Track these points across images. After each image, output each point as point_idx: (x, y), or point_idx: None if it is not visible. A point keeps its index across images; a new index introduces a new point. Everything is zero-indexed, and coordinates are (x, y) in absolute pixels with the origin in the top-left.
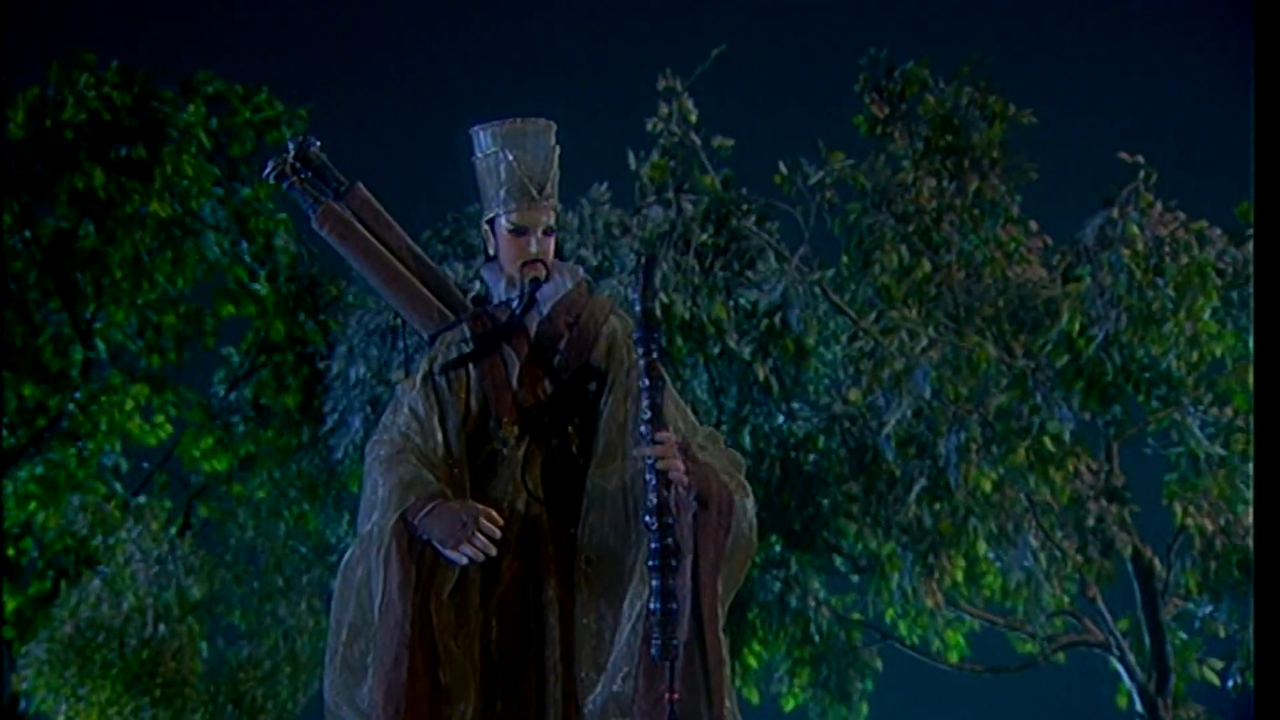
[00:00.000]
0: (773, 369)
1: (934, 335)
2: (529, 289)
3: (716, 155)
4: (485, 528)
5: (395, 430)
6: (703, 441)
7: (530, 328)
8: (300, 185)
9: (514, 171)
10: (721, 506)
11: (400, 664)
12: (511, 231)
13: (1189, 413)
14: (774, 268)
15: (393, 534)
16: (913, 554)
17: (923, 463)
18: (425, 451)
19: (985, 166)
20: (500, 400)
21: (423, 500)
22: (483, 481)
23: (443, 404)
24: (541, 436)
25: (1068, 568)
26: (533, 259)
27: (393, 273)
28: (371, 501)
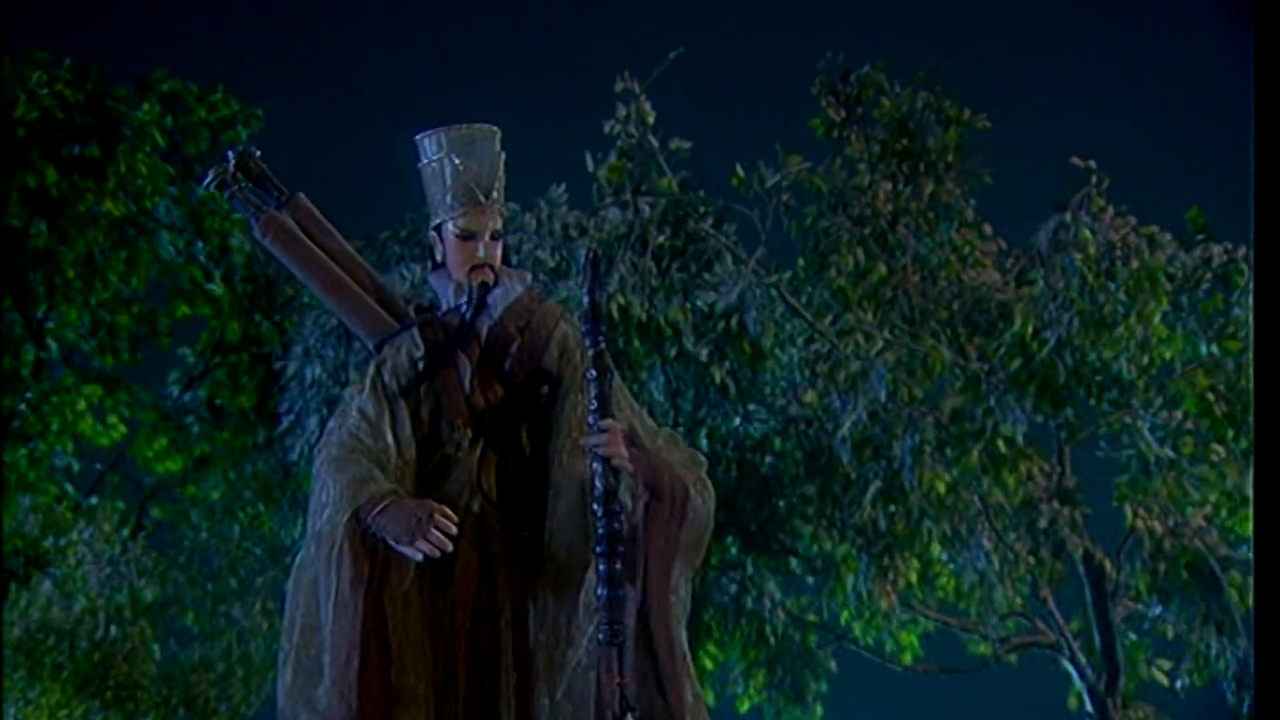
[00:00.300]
0: (729, 371)
1: (889, 338)
2: (478, 293)
3: (674, 157)
4: (441, 524)
5: (345, 431)
6: (663, 443)
7: (481, 332)
8: (241, 194)
9: (460, 176)
10: (675, 497)
11: (353, 663)
12: (459, 236)
13: (1139, 416)
14: (731, 270)
15: (345, 532)
16: (867, 556)
17: (878, 465)
18: (375, 453)
19: (940, 170)
20: (453, 404)
21: (376, 498)
22: (434, 484)
23: (393, 407)
24: (495, 439)
25: (1020, 569)
26: (481, 263)
27: (336, 281)
28: (322, 501)
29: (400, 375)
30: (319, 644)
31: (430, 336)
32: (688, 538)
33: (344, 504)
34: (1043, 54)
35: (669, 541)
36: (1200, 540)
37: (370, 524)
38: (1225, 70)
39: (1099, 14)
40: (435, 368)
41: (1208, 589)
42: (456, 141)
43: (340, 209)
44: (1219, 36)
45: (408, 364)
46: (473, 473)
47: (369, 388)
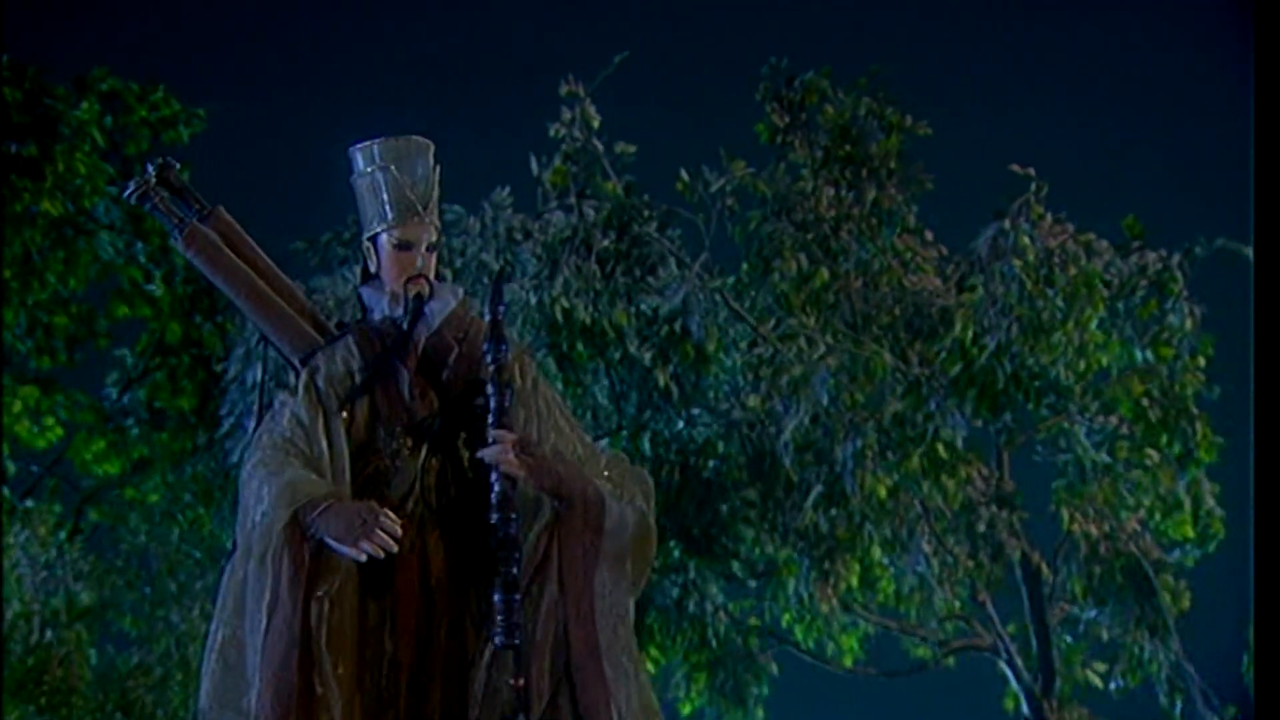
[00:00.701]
0: (673, 375)
1: (831, 343)
2: (415, 303)
3: (619, 161)
4: (385, 524)
5: (277, 435)
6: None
7: (419, 341)
8: (163, 206)
9: (398, 187)
10: (588, 506)
11: (289, 664)
12: (396, 247)
13: (1076, 420)
14: (675, 274)
15: (283, 535)
16: (809, 559)
17: (820, 469)
18: (309, 457)
19: (883, 176)
20: (394, 412)
21: (317, 499)
22: (369, 492)
23: (326, 413)
24: (435, 448)
25: (959, 573)
26: (417, 274)
27: (261, 295)
28: (254, 504)
29: (336, 384)
30: (248, 648)
31: (367, 346)
32: (610, 547)
33: (282, 506)
34: (983, 63)
35: (587, 550)
36: (1134, 544)
37: (311, 525)
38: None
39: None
40: (376, 379)
41: (1141, 592)
42: (392, 154)
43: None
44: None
45: (344, 373)
46: (415, 480)
47: (302, 393)
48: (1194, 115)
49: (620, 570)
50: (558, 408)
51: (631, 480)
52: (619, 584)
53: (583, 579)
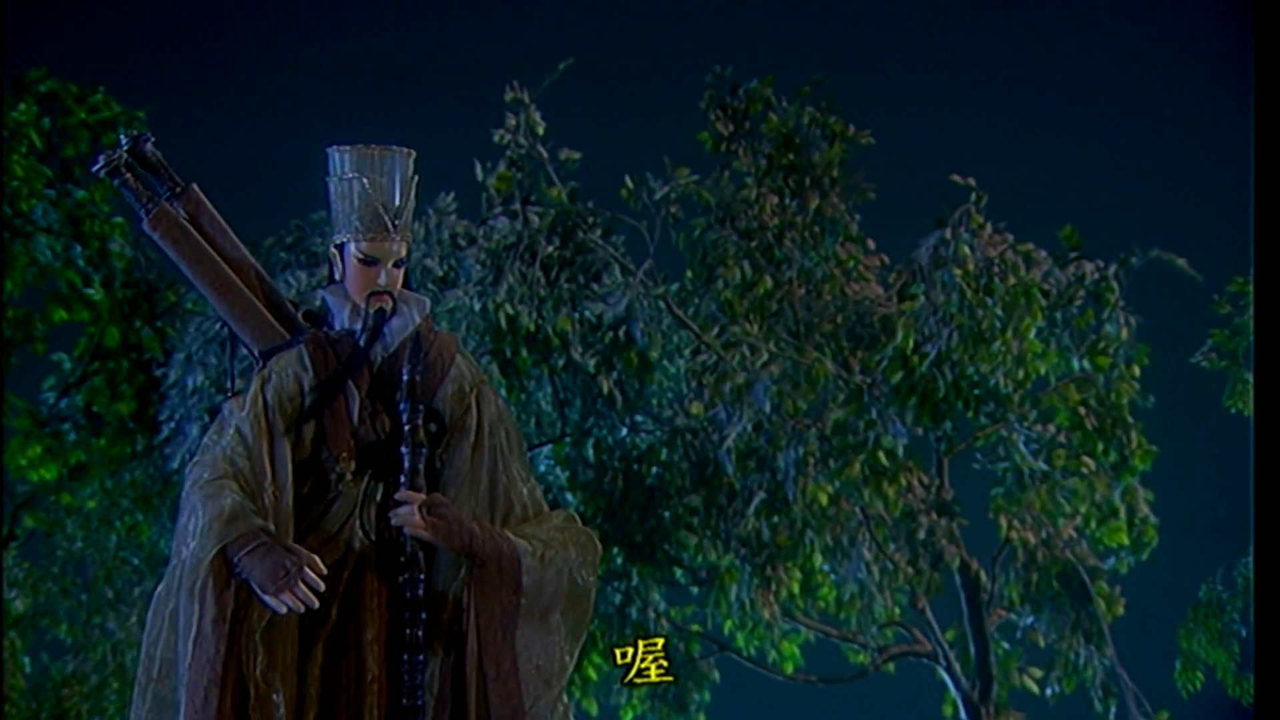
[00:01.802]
0: (616, 382)
1: (774, 350)
2: (374, 320)
3: (563, 168)
4: (308, 578)
5: (219, 451)
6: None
7: (374, 361)
8: (133, 184)
9: (369, 199)
10: (503, 564)
11: (210, 702)
12: (361, 261)
13: (1015, 429)
14: (619, 281)
15: (209, 569)
16: (751, 566)
17: (762, 476)
18: (250, 479)
19: (826, 185)
20: (338, 434)
21: (246, 536)
22: (308, 512)
23: (272, 430)
24: (380, 475)
25: (899, 580)
26: (380, 290)
27: (226, 283)
28: (189, 530)
29: (285, 399)
30: (176, 678)
31: (320, 360)
32: (531, 605)
33: (211, 538)
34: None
35: (505, 607)
36: (1070, 551)
37: (237, 564)
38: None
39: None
40: (326, 401)
41: (1077, 599)
42: (369, 161)
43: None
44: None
45: (293, 385)
46: (356, 507)
47: (249, 405)
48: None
49: (545, 628)
50: (516, 450)
51: (574, 544)
52: (547, 643)
53: (502, 637)
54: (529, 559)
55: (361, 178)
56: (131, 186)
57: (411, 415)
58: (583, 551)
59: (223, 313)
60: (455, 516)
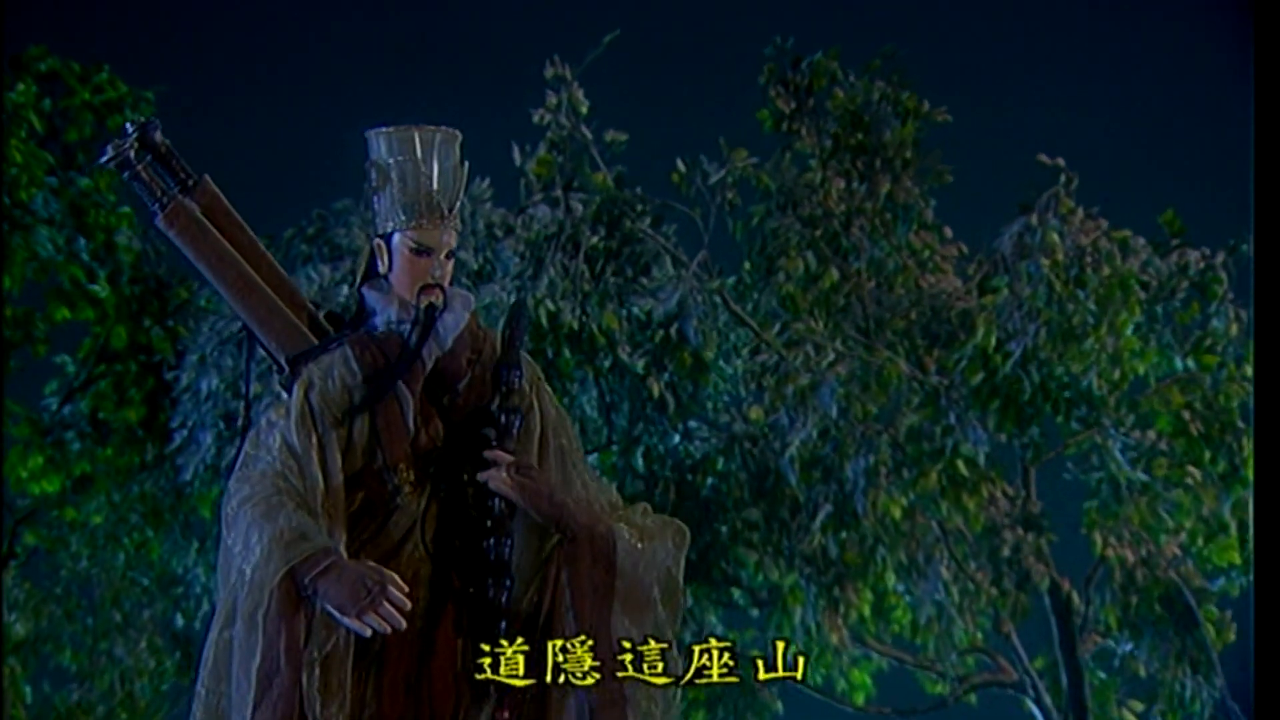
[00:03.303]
0: (668, 384)
1: (841, 349)
2: (426, 316)
3: (609, 151)
4: (394, 596)
5: (266, 466)
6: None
7: (427, 361)
8: (145, 176)
9: (422, 184)
10: (595, 540)
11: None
12: (413, 251)
13: (1110, 435)
14: (670, 274)
15: (279, 593)
16: (816, 586)
17: (828, 487)
18: (303, 494)
19: (897, 167)
20: (395, 443)
21: (316, 557)
22: (361, 529)
23: (322, 438)
24: (439, 485)
25: (981, 601)
26: (431, 284)
27: (249, 283)
28: (240, 553)
29: (332, 404)
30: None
31: (367, 361)
32: (626, 587)
33: (275, 560)
34: (1008, 42)
35: (598, 588)
36: (1174, 571)
37: (308, 587)
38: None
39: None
40: (375, 399)
41: (1182, 624)
42: (416, 143)
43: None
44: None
45: (341, 391)
46: (415, 522)
47: (295, 414)
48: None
49: (644, 613)
50: (578, 453)
51: (671, 532)
52: (646, 628)
53: (598, 619)
54: (624, 539)
55: (415, 160)
56: (143, 179)
57: (509, 378)
58: (678, 543)
59: (244, 315)
60: (545, 481)
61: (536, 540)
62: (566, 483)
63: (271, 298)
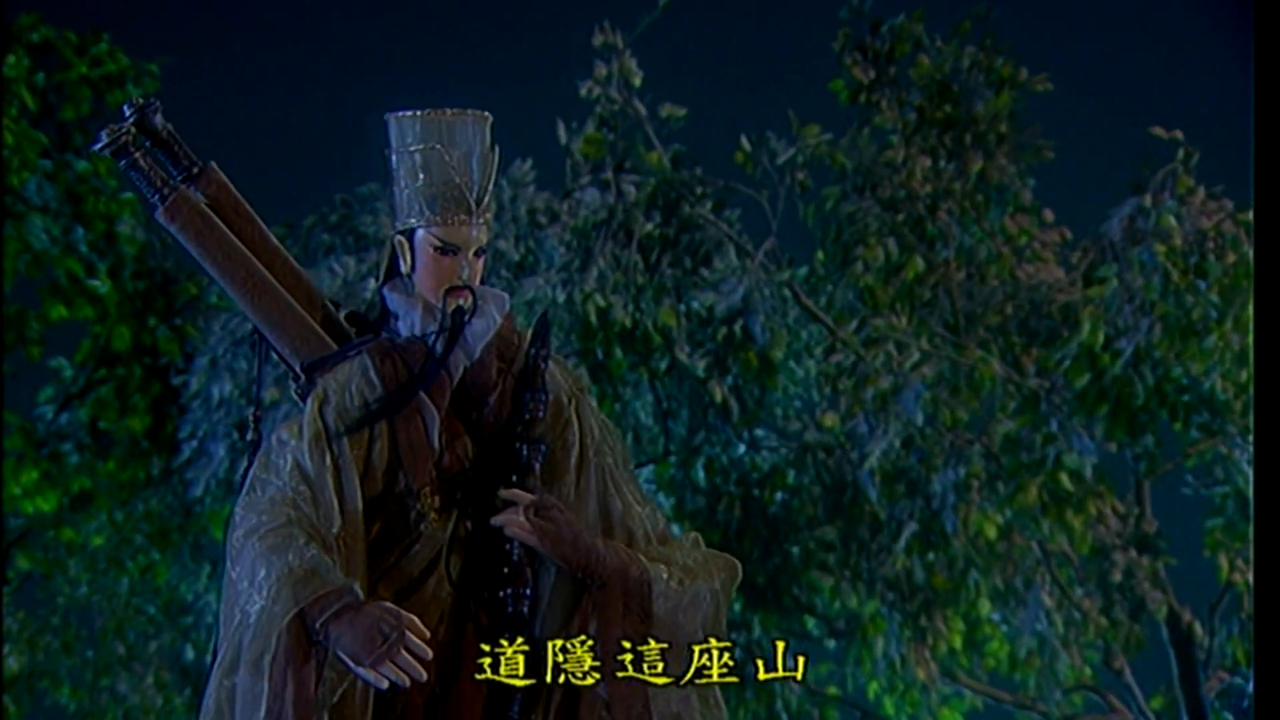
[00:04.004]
0: (732, 388)
1: (927, 348)
2: (453, 321)
3: (665, 127)
4: (414, 645)
5: (275, 489)
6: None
7: (454, 371)
8: (144, 165)
9: (449, 175)
10: (629, 586)
11: None
12: (439, 250)
13: (1235, 444)
14: (734, 265)
15: (288, 638)
16: (900, 615)
17: (913, 503)
18: (318, 524)
19: (991, 143)
20: (418, 463)
21: (329, 598)
22: (380, 560)
23: (338, 460)
24: (466, 511)
25: (1089, 633)
26: (459, 285)
27: (261, 283)
28: (245, 590)
29: (349, 421)
30: None
31: (389, 373)
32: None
33: (284, 601)
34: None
35: (631, 639)
36: None
37: (319, 631)
38: None
39: None
40: (392, 411)
41: None
42: (440, 128)
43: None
44: None
45: (358, 406)
46: (440, 553)
47: (308, 432)
48: None
49: (681, 667)
50: (627, 470)
51: (718, 570)
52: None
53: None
54: (662, 583)
55: (438, 148)
56: (141, 168)
57: (531, 405)
58: (726, 581)
59: (257, 319)
60: (570, 524)
61: (568, 584)
62: (605, 510)
63: (285, 298)
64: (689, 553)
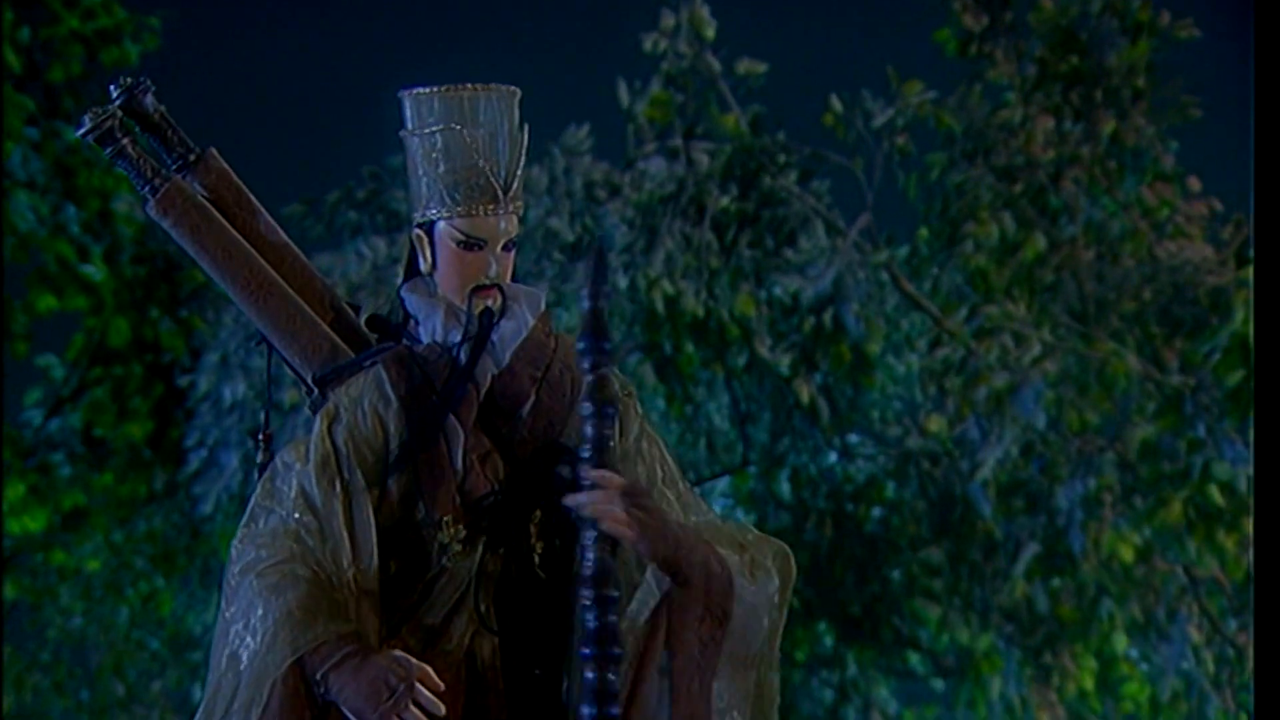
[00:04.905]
0: (821, 387)
1: (1050, 339)
2: (480, 324)
3: (742, 85)
4: (424, 698)
5: (277, 520)
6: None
7: (481, 381)
8: (133, 153)
9: (473, 159)
10: (711, 584)
11: None
12: (461, 245)
13: None
14: (823, 245)
15: (280, 690)
16: (1020, 650)
17: (1034, 520)
18: (323, 560)
19: (1125, 100)
20: (439, 490)
21: (330, 645)
22: (398, 600)
23: (349, 488)
24: (496, 541)
25: (1244, 673)
26: (487, 284)
27: (265, 284)
28: (239, 630)
29: (362, 444)
30: None
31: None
32: (736, 647)
33: (280, 647)
34: None
35: (705, 646)
36: None
37: (320, 683)
38: None
39: None
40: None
41: None
42: (464, 106)
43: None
44: None
45: (373, 424)
46: (467, 590)
47: (314, 454)
48: None
49: (745, 682)
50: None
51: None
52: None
53: (698, 687)
54: (742, 579)
55: (455, 126)
56: (130, 156)
57: (594, 360)
58: (785, 578)
59: (262, 324)
60: (661, 511)
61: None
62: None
63: (295, 301)
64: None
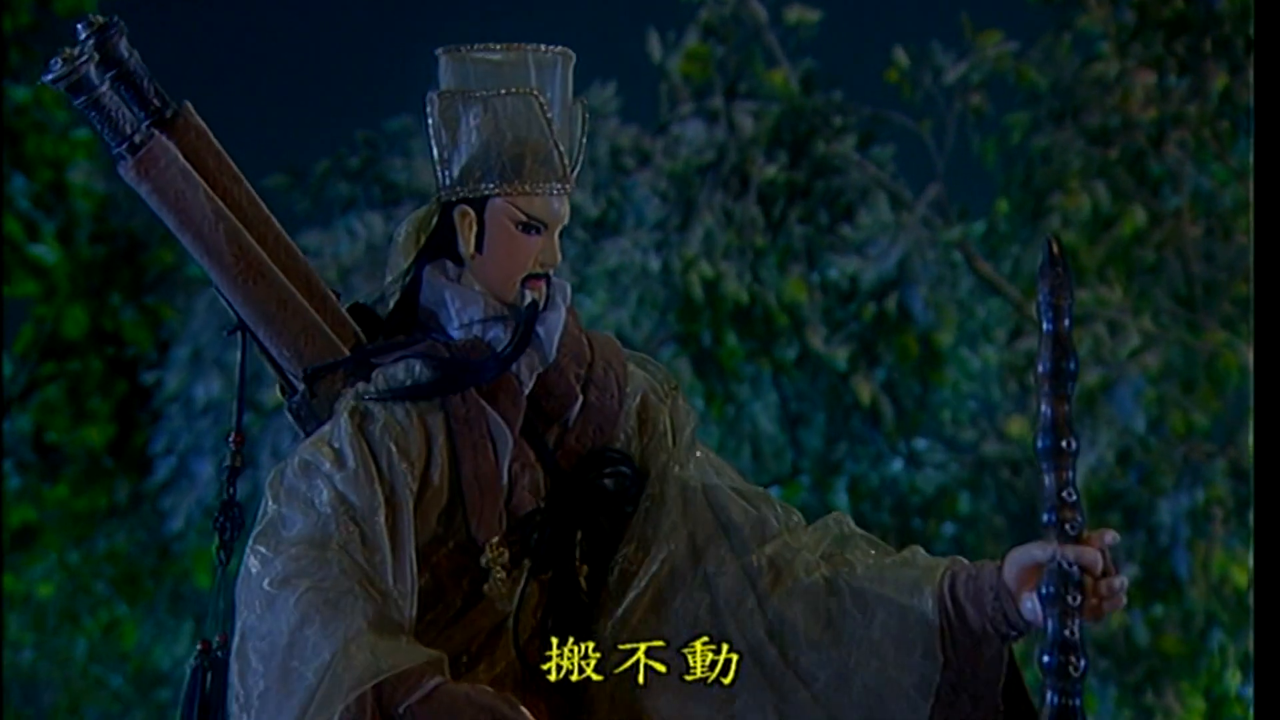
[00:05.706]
0: (884, 384)
1: (1151, 328)
2: (526, 316)
3: (792, 37)
4: None
5: (313, 531)
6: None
7: (524, 381)
8: (107, 103)
9: (539, 131)
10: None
11: None
12: (522, 226)
13: None
14: (886, 220)
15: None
16: (1117, 688)
17: (1132, 538)
18: (374, 577)
19: (1238, 52)
20: (485, 507)
21: (413, 676)
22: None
23: (393, 496)
24: (540, 565)
25: None
26: (539, 274)
27: (256, 263)
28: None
29: (401, 443)
30: None
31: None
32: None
33: (356, 669)
34: None
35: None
36: None
37: (403, 717)
38: None
39: None
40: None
41: None
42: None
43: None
44: None
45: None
46: (507, 618)
47: (353, 455)
48: None
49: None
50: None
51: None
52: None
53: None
54: None
55: (515, 95)
56: (105, 108)
57: (1055, 282)
58: None
59: (248, 310)
60: None
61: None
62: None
63: (285, 285)
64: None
